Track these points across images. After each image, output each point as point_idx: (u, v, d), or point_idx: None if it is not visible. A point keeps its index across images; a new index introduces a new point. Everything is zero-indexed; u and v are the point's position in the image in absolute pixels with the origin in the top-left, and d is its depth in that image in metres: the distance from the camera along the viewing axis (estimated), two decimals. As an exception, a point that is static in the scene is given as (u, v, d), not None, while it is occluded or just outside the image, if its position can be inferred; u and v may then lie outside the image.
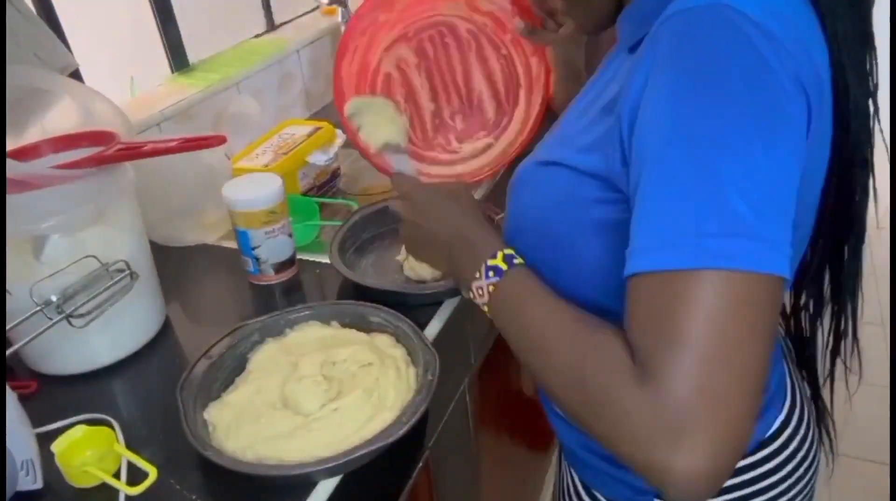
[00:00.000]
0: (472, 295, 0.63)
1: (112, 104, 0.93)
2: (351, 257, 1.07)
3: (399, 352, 0.84)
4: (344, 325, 0.89)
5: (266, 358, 0.85)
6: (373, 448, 0.69)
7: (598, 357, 0.49)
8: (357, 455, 0.68)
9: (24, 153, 0.88)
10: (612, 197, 0.55)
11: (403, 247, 1.04)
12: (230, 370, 0.84)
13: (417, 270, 1.00)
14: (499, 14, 1.21)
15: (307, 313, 0.90)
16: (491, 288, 0.60)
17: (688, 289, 0.44)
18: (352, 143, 1.17)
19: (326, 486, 0.71)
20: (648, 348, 0.46)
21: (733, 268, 0.44)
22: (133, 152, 0.84)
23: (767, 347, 0.46)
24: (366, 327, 0.89)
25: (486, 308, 0.61)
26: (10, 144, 0.89)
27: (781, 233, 0.46)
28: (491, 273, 0.60)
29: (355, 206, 1.17)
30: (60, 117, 0.94)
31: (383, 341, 0.86)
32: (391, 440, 0.70)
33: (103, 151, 0.83)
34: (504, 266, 0.60)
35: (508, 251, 0.61)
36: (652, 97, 0.49)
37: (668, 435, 0.43)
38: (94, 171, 0.83)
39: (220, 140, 0.87)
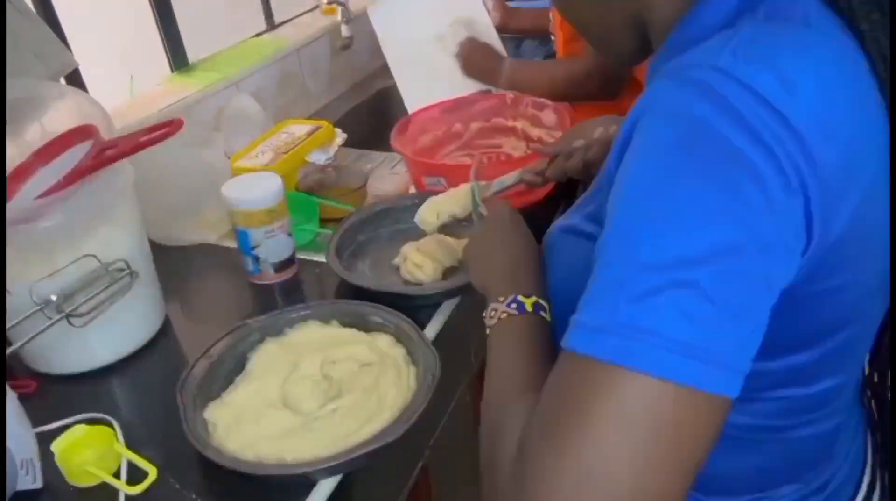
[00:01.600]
0: (486, 314, 0.63)
1: (89, 98, 0.93)
2: (348, 259, 1.07)
3: (399, 352, 0.84)
4: (344, 324, 0.89)
5: (266, 358, 0.85)
6: (372, 447, 0.69)
7: (503, 429, 0.47)
8: (357, 454, 0.68)
9: (20, 174, 0.86)
10: None
11: (402, 250, 1.05)
12: (230, 369, 0.84)
13: (414, 272, 1.00)
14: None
15: (307, 312, 0.90)
16: (504, 316, 0.60)
17: (610, 389, 0.38)
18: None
19: (326, 486, 0.71)
20: (539, 441, 0.40)
21: (664, 378, 0.37)
22: (104, 160, 0.83)
23: (691, 477, 0.38)
24: (366, 326, 0.89)
25: (488, 331, 0.61)
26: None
27: (738, 348, 0.39)
28: (514, 305, 0.60)
29: (351, 208, 1.17)
30: (41, 122, 0.93)
31: (383, 340, 0.86)
32: (390, 439, 0.70)
33: (77, 165, 0.81)
34: (530, 308, 0.59)
35: (542, 302, 0.61)
36: (627, 162, 0.44)
37: None
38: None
39: (178, 125, 0.87)
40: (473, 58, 1.46)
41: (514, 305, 0.60)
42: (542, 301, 0.60)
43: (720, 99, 0.40)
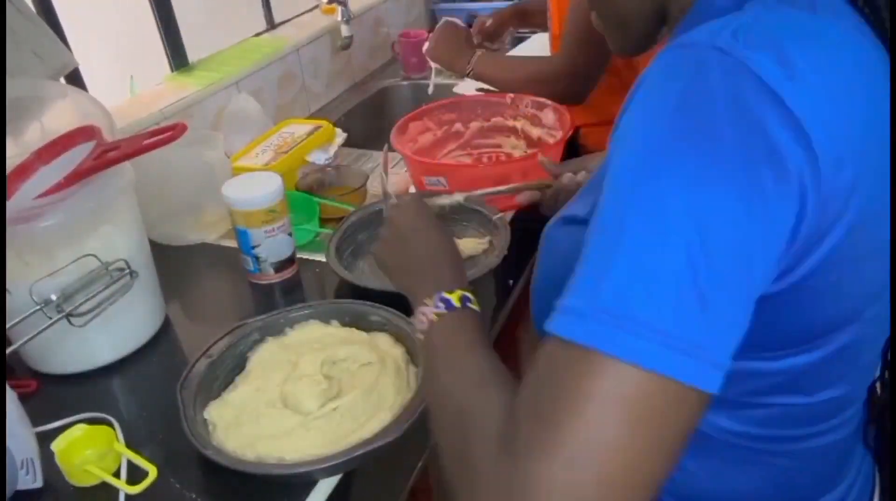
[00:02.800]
0: (414, 320, 0.62)
1: (90, 98, 0.93)
2: (348, 259, 1.07)
3: (399, 351, 0.84)
4: (344, 324, 0.89)
5: (266, 357, 0.85)
6: (372, 446, 0.69)
7: (473, 417, 0.46)
8: (357, 453, 0.68)
9: (21, 172, 0.86)
10: None
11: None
12: (230, 369, 0.84)
13: None
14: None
15: (307, 312, 0.90)
16: (434, 317, 0.59)
17: (588, 373, 0.38)
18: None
19: (326, 485, 0.71)
20: (527, 422, 0.40)
21: (639, 365, 0.37)
22: (106, 161, 0.83)
23: (665, 464, 0.39)
24: (366, 326, 0.89)
25: (421, 336, 0.60)
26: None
27: (720, 338, 0.39)
28: (441, 304, 0.59)
29: (351, 208, 1.17)
30: (41, 122, 0.94)
31: (383, 340, 0.86)
32: (390, 439, 0.70)
33: (79, 165, 0.82)
34: (457, 303, 0.59)
35: (467, 293, 0.61)
36: (619, 139, 0.44)
37: None
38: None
39: (182, 128, 0.87)
40: (443, 41, 1.44)
41: (441, 304, 0.59)
42: (466, 293, 0.60)
43: (716, 75, 0.40)
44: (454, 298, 0.59)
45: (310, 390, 0.77)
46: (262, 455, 0.71)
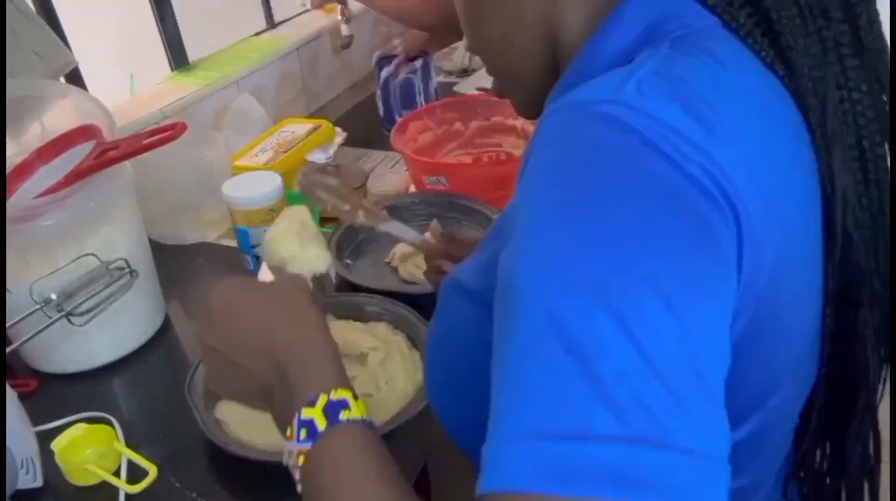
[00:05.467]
0: (285, 461, 0.45)
1: (90, 97, 0.92)
2: (348, 258, 1.07)
3: (399, 338, 0.84)
4: (339, 317, 0.90)
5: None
6: (389, 428, 0.70)
7: None
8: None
9: (21, 172, 0.85)
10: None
11: (393, 252, 1.05)
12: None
13: (414, 272, 1.00)
14: None
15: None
16: (301, 459, 0.43)
17: None
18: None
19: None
20: None
21: None
22: (106, 160, 0.83)
23: None
24: (363, 317, 0.89)
25: (298, 487, 0.44)
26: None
27: (717, 438, 0.31)
28: (303, 432, 0.43)
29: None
30: (41, 121, 0.93)
31: (382, 329, 0.86)
32: (406, 418, 0.71)
33: (78, 165, 0.82)
34: (322, 423, 0.42)
35: (339, 395, 0.44)
36: (517, 222, 0.36)
37: None
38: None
39: (182, 128, 0.87)
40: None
41: (303, 432, 0.43)
42: (335, 394, 0.44)
43: (633, 131, 0.34)
44: (316, 414, 0.43)
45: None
46: (281, 448, 0.71)
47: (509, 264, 0.35)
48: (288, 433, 0.44)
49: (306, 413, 0.43)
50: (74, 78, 1.23)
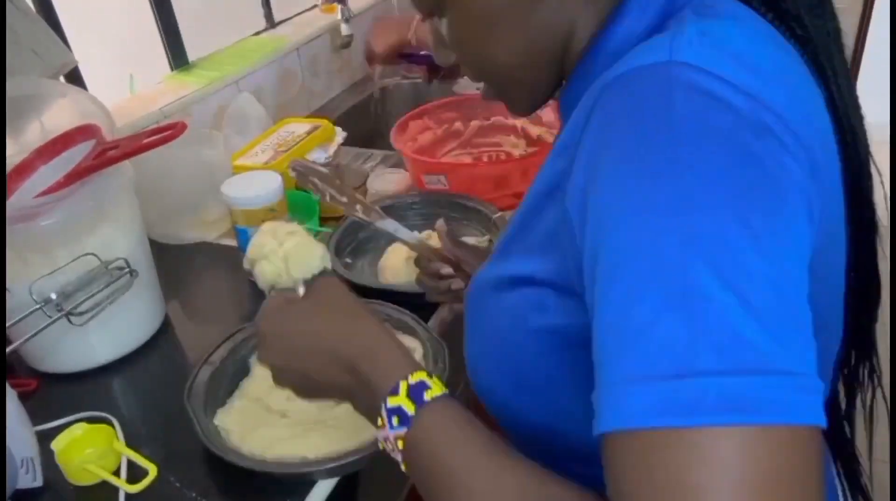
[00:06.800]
0: (382, 446, 0.47)
1: (90, 97, 0.92)
2: (348, 257, 1.07)
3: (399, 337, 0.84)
4: None
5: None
6: (373, 449, 0.69)
7: None
8: (358, 456, 0.68)
9: (21, 171, 0.85)
10: (566, 303, 0.43)
11: (390, 250, 1.04)
12: (233, 374, 0.84)
13: (398, 274, 1.00)
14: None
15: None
16: (400, 443, 0.45)
17: (690, 459, 0.31)
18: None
19: (326, 486, 0.71)
20: None
21: (755, 423, 0.31)
22: (106, 160, 0.83)
23: None
24: None
25: (403, 467, 0.46)
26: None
27: (807, 358, 0.34)
28: (395, 419, 0.45)
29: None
30: (41, 121, 0.93)
31: None
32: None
33: (78, 164, 0.82)
34: (410, 407, 0.44)
35: (417, 378, 0.45)
36: (600, 190, 0.38)
37: None
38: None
39: (182, 127, 0.87)
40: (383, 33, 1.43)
41: (395, 419, 0.45)
42: (412, 378, 0.46)
43: (699, 89, 0.36)
44: (403, 401, 0.45)
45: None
46: (283, 457, 0.71)
47: (609, 225, 0.37)
48: (379, 423, 0.46)
49: (392, 402, 0.45)
50: (74, 77, 1.23)
